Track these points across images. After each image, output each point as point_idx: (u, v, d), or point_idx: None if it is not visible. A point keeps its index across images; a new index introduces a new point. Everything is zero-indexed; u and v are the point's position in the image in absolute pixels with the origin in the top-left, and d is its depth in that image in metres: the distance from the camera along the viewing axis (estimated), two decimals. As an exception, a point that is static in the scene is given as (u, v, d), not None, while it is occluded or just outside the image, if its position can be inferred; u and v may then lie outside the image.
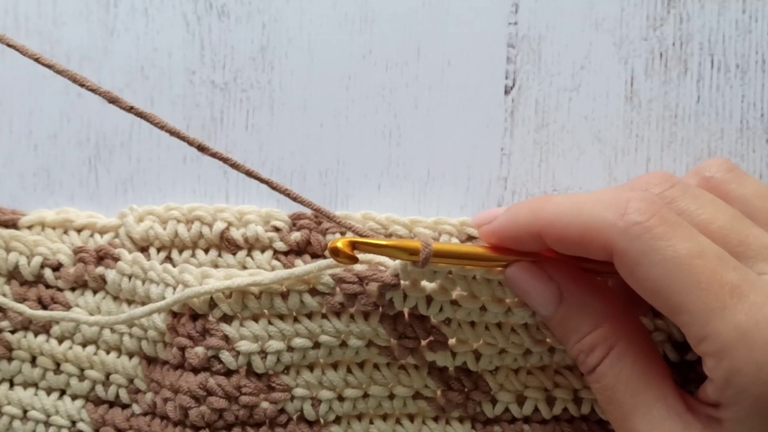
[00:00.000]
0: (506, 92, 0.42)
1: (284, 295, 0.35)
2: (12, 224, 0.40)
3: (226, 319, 0.35)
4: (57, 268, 0.39)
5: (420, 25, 0.42)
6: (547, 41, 0.42)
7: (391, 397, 0.38)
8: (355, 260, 0.32)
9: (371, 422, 0.38)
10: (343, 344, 0.36)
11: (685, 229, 0.29)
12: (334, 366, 0.37)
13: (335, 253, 0.31)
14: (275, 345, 0.36)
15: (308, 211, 0.40)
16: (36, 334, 0.40)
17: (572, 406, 0.38)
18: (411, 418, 0.38)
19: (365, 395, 0.38)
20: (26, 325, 0.40)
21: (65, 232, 0.40)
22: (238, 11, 0.42)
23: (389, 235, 0.40)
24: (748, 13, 0.42)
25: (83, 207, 0.42)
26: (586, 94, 0.42)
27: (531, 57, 0.42)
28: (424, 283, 0.35)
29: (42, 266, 0.39)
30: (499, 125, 0.42)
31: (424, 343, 0.37)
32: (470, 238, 0.39)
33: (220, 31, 0.42)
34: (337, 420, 0.38)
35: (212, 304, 0.35)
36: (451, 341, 0.37)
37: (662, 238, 0.29)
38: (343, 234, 0.40)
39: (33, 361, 0.40)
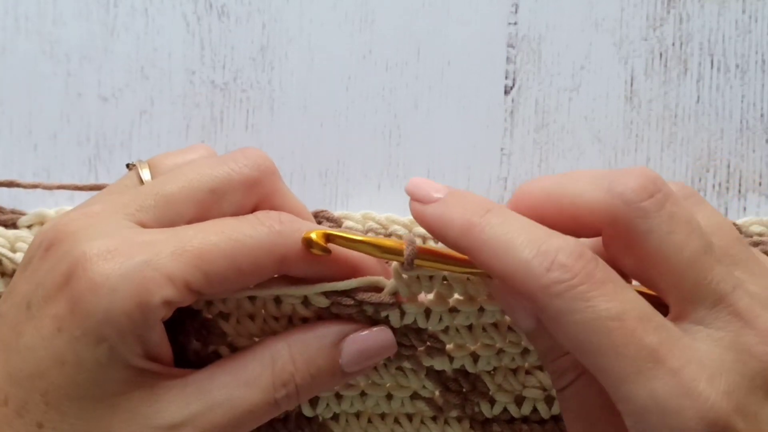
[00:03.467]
0: (506, 92, 0.42)
1: (277, 300, 0.35)
2: (11, 224, 0.39)
3: (223, 316, 0.35)
4: None
5: (420, 25, 0.42)
6: (547, 41, 0.42)
7: (389, 397, 0.38)
8: (328, 252, 0.32)
9: (369, 421, 0.38)
10: None
11: (609, 287, 0.28)
12: None
13: (308, 244, 0.31)
14: None
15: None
16: None
17: None
18: (409, 417, 0.38)
19: (363, 394, 0.38)
20: None
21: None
22: (238, 11, 0.42)
23: (389, 235, 0.40)
24: (748, 13, 0.42)
25: (83, 207, 0.42)
26: (586, 94, 0.42)
27: (531, 57, 0.42)
28: (421, 296, 0.35)
29: None
30: (499, 125, 0.42)
31: (420, 349, 0.36)
32: None
33: (220, 31, 0.42)
34: (335, 417, 0.38)
35: (209, 300, 0.35)
36: (449, 346, 0.36)
37: (582, 298, 0.28)
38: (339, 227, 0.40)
39: None
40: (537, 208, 0.31)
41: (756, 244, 0.38)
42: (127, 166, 0.36)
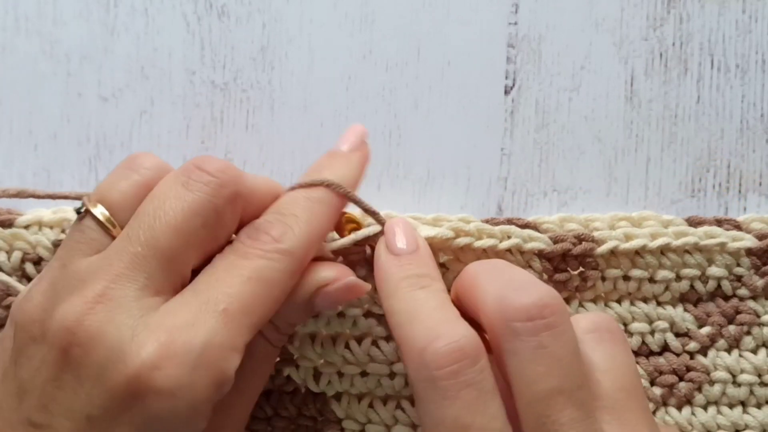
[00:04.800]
0: (506, 92, 0.42)
1: None
2: (8, 224, 0.39)
3: None
4: (38, 261, 0.39)
5: (420, 25, 0.42)
6: (547, 41, 0.42)
7: (392, 376, 0.38)
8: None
9: (371, 406, 0.38)
10: (341, 314, 0.38)
11: (469, 393, 0.29)
12: (333, 340, 0.38)
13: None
14: None
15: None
16: None
17: None
18: (411, 401, 0.38)
19: (364, 374, 0.38)
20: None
21: (63, 231, 0.39)
22: (238, 11, 0.42)
23: None
24: (748, 13, 0.42)
25: (83, 207, 0.42)
26: (586, 94, 0.42)
27: (531, 57, 0.42)
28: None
29: (23, 260, 0.39)
30: (499, 125, 0.42)
31: None
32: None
33: (220, 31, 0.42)
34: (338, 396, 0.38)
35: None
36: None
37: (435, 397, 0.29)
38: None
39: None
40: (460, 292, 0.34)
41: (761, 237, 0.39)
42: (77, 211, 0.33)
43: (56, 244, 0.39)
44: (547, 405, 0.29)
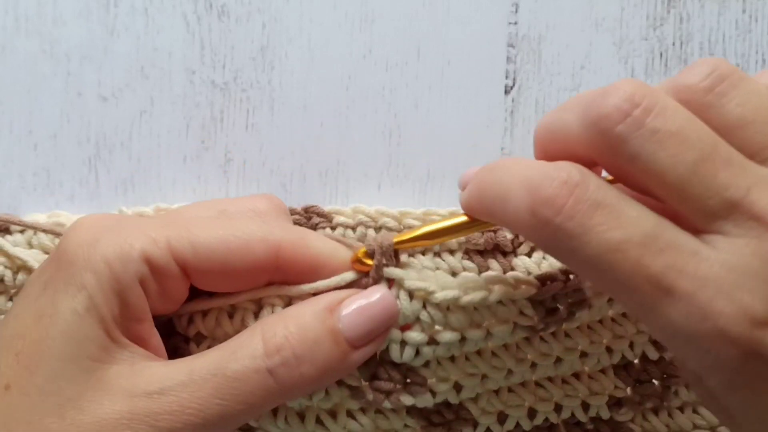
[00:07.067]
0: (506, 92, 0.42)
1: (257, 314, 0.33)
2: (4, 228, 0.39)
3: (199, 339, 0.33)
4: None
5: (420, 25, 0.42)
6: (547, 41, 0.42)
7: None
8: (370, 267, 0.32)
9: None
10: None
11: (602, 214, 0.26)
12: (301, 416, 0.35)
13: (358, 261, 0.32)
14: None
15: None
16: None
17: (553, 416, 0.37)
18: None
19: None
20: None
21: (57, 236, 0.39)
22: (238, 11, 0.42)
23: (379, 228, 0.40)
24: (748, 13, 0.42)
25: (83, 207, 0.41)
26: (586, 94, 0.42)
27: (531, 57, 0.42)
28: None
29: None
30: (499, 125, 0.42)
31: (400, 386, 0.34)
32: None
33: (220, 31, 0.42)
34: None
35: (189, 319, 0.33)
36: (431, 380, 0.34)
37: (574, 236, 0.26)
38: (333, 230, 0.39)
39: None
40: (544, 146, 0.30)
41: None
42: None
43: None
44: (701, 179, 0.26)
